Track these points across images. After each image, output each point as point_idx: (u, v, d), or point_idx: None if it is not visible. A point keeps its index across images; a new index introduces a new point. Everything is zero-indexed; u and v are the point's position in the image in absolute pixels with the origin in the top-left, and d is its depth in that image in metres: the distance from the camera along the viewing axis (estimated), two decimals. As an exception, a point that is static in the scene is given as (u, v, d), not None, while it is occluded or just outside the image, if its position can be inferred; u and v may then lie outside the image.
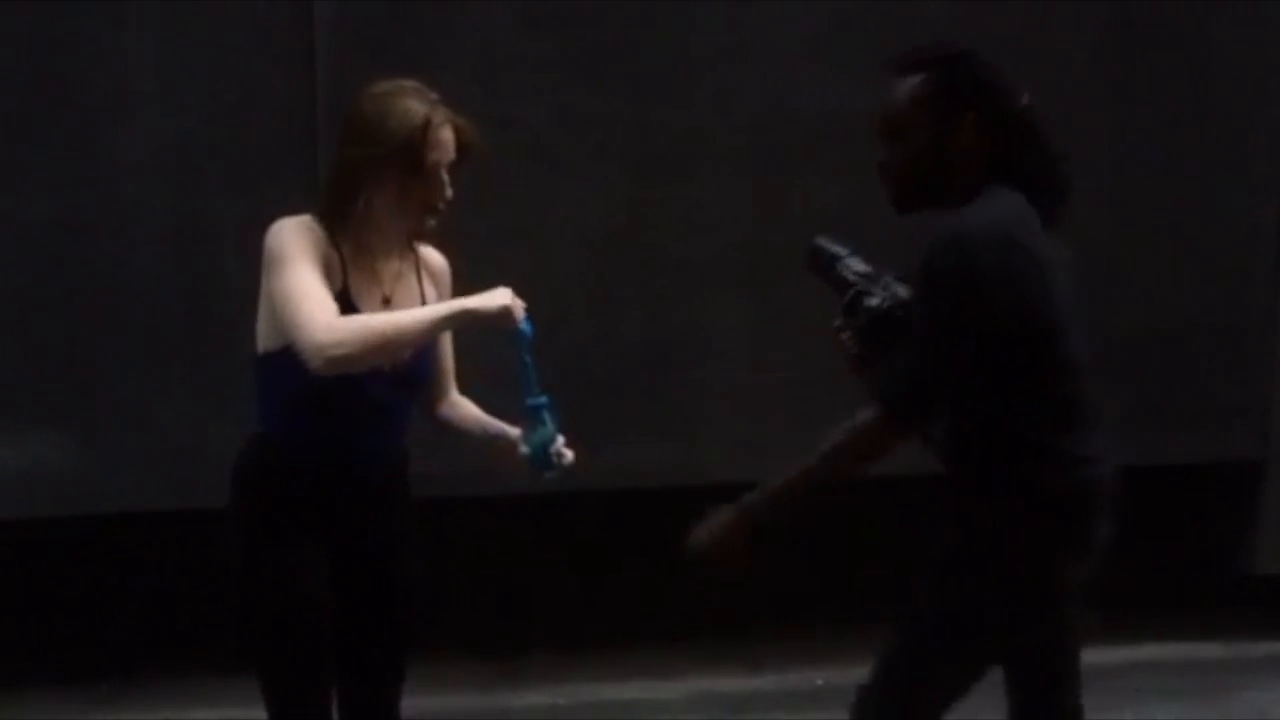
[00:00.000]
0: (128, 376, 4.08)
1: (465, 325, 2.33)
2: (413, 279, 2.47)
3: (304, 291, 2.26)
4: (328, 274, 2.32)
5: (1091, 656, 4.46)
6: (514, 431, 2.48)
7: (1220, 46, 4.56)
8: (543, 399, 2.38)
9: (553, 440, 2.39)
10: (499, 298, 2.32)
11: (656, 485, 4.31)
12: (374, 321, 2.28)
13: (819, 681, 4.40)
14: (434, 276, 2.52)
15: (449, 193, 2.36)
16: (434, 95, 2.36)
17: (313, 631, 2.39)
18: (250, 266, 2.39)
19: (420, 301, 2.45)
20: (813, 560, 4.61)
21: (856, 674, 4.60)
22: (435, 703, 2.66)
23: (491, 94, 4.05)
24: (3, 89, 3.99)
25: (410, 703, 2.61)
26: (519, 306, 2.34)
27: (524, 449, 2.41)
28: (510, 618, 4.43)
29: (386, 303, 2.41)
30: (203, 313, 3.97)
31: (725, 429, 4.36)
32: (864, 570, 4.65)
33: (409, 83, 2.37)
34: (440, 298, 2.48)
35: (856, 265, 2.54)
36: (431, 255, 2.53)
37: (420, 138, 2.29)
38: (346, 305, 2.33)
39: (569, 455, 2.43)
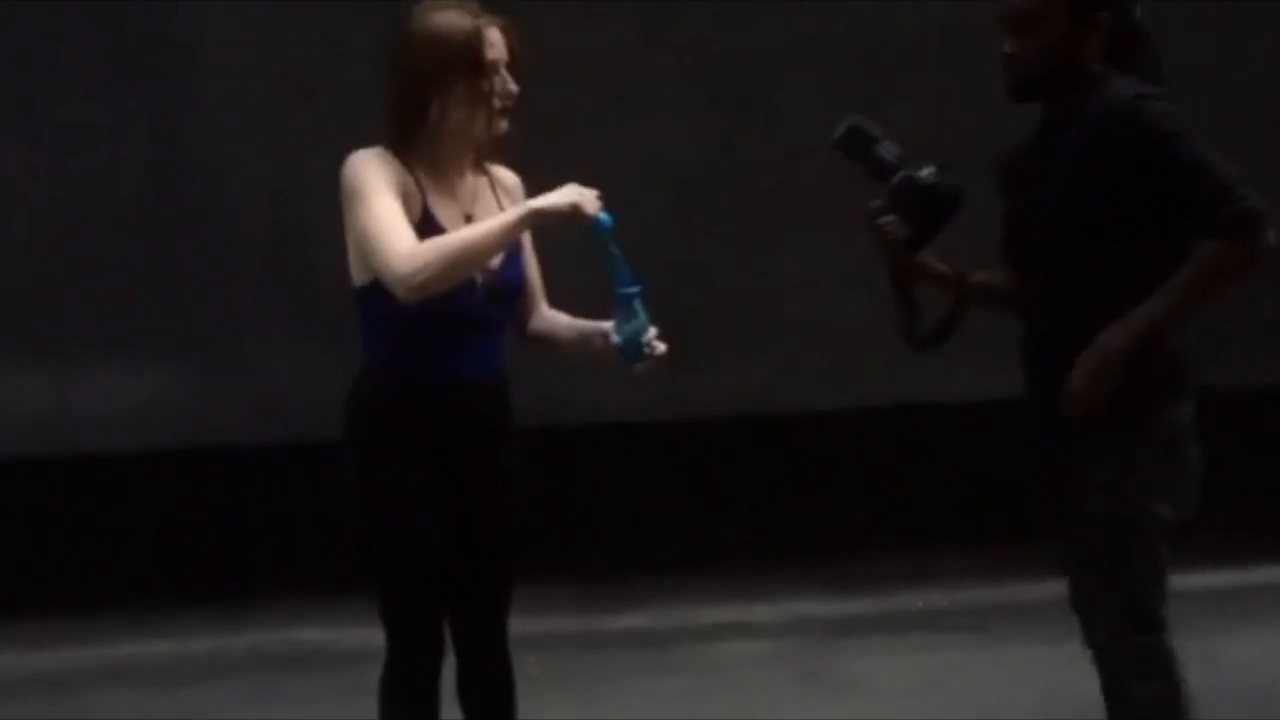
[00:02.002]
0: (231, 315, 4.20)
1: (537, 225, 2.36)
2: (489, 195, 2.50)
3: (380, 224, 2.32)
4: (405, 200, 2.37)
5: (1196, 579, 4.44)
6: (607, 324, 2.47)
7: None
8: (634, 288, 2.37)
9: (645, 330, 2.38)
10: (567, 194, 2.34)
11: (747, 413, 4.33)
12: (448, 242, 2.32)
13: (918, 605, 4.39)
14: (509, 193, 2.55)
15: (514, 88, 2.41)
16: (475, 5, 2.43)
17: (431, 555, 2.44)
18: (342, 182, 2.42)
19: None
20: (908, 484, 4.60)
21: (954, 598, 4.61)
22: (535, 625, 2.71)
23: (577, 25, 4.03)
24: (99, 39, 4.08)
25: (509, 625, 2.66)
26: (591, 197, 2.34)
27: (616, 338, 2.41)
28: (608, 542, 4.49)
29: (469, 219, 2.44)
30: (299, 251, 4.05)
31: (814, 358, 4.35)
32: (958, 496, 4.62)
33: (444, 1, 2.43)
34: None
35: (894, 148, 2.52)
36: (504, 173, 2.57)
37: (476, 36, 2.38)
38: (430, 226, 2.37)
39: (661, 347, 2.41)
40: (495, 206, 2.51)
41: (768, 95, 4.23)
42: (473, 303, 2.42)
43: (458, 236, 2.33)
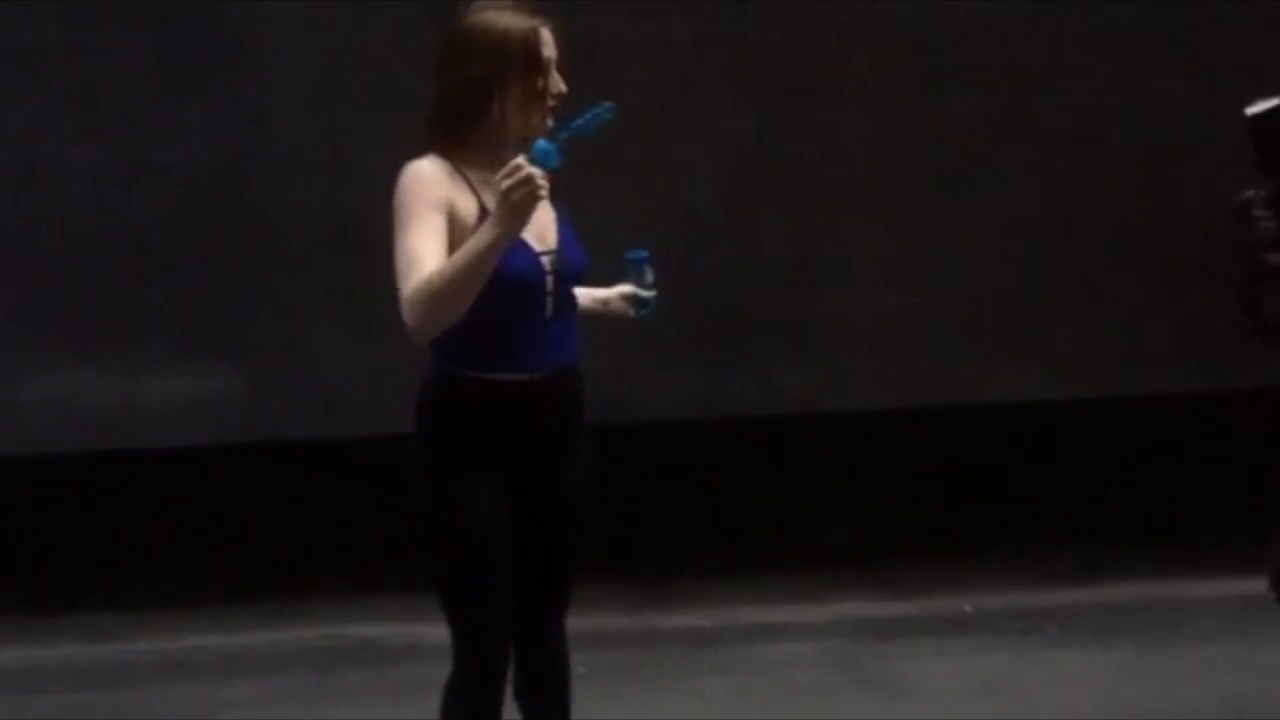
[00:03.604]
0: (285, 310, 4.23)
1: (514, 232, 2.28)
2: None
3: (401, 260, 2.33)
4: (458, 208, 2.37)
5: (1246, 585, 4.37)
6: (622, 288, 2.71)
7: None
8: (645, 252, 2.68)
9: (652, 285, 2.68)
10: (518, 199, 2.22)
11: (797, 411, 4.30)
12: (430, 281, 2.29)
13: (967, 608, 4.37)
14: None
15: (562, 86, 2.43)
16: (525, 4, 2.46)
17: (498, 568, 2.44)
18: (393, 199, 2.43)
19: (552, 209, 2.48)
20: (956, 485, 4.56)
21: (1003, 600, 4.58)
22: (585, 623, 2.71)
23: (630, 16, 4.03)
24: (157, 35, 4.12)
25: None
26: (522, 179, 2.22)
27: (645, 294, 2.68)
28: (658, 541, 4.49)
29: None
30: (354, 248, 4.07)
31: (864, 355, 4.33)
32: (1007, 498, 4.58)
33: (495, 1, 2.46)
34: (560, 208, 2.51)
35: None
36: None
37: (534, 36, 2.41)
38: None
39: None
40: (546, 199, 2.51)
41: (819, 90, 4.22)
42: (540, 292, 2.42)
43: (437, 273, 2.29)
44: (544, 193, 2.25)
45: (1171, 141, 4.39)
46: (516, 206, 2.23)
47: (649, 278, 2.69)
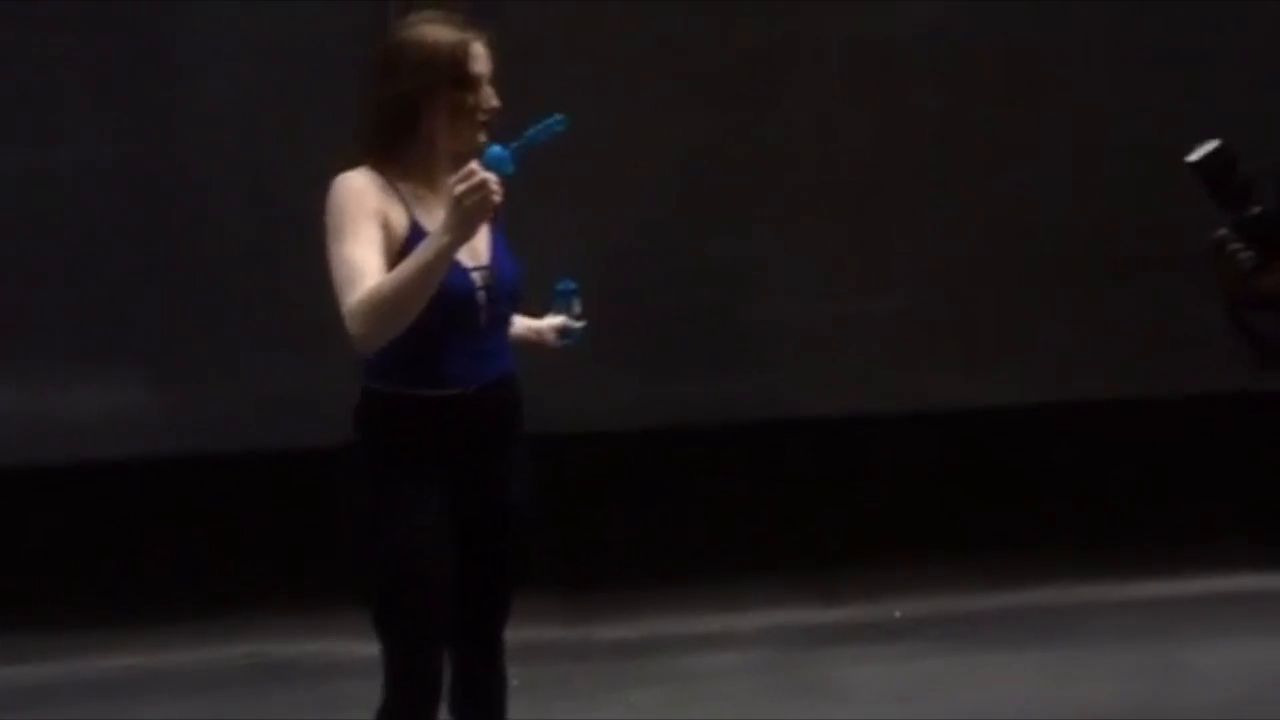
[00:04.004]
0: (207, 320, 4.16)
1: (466, 237, 2.27)
2: None
3: (340, 272, 2.31)
4: (391, 220, 2.35)
5: (1167, 587, 4.50)
6: (553, 320, 2.69)
7: None
8: (574, 284, 2.68)
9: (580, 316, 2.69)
10: (468, 207, 2.21)
11: (736, 418, 4.32)
12: (377, 291, 2.27)
13: (896, 614, 4.42)
14: None
15: (495, 102, 2.41)
16: (460, 17, 2.43)
17: (434, 580, 2.41)
18: (324, 211, 2.41)
19: (491, 224, 2.46)
20: (890, 492, 4.61)
21: (933, 606, 4.64)
22: (518, 635, 2.69)
23: (570, 23, 4.04)
24: (83, 40, 4.05)
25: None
26: (474, 185, 2.20)
27: (576, 325, 2.67)
28: (588, 551, 4.48)
29: None
30: (279, 257, 4.03)
31: (805, 363, 4.35)
32: (940, 502, 4.65)
33: (431, 12, 2.44)
34: (498, 221, 2.50)
35: (1248, 173, 2.49)
36: None
37: (463, 51, 2.38)
38: (420, 239, 2.35)
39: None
40: None
41: (768, 96, 4.23)
42: (472, 307, 2.40)
43: (383, 283, 2.27)
44: (498, 198, 2.24)
45: (1135, 145, 4.47)
46: (470, 211, 2.22)
47: (577, 309, 2.70)
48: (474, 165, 2.24)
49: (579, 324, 2.70)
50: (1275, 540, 4.73)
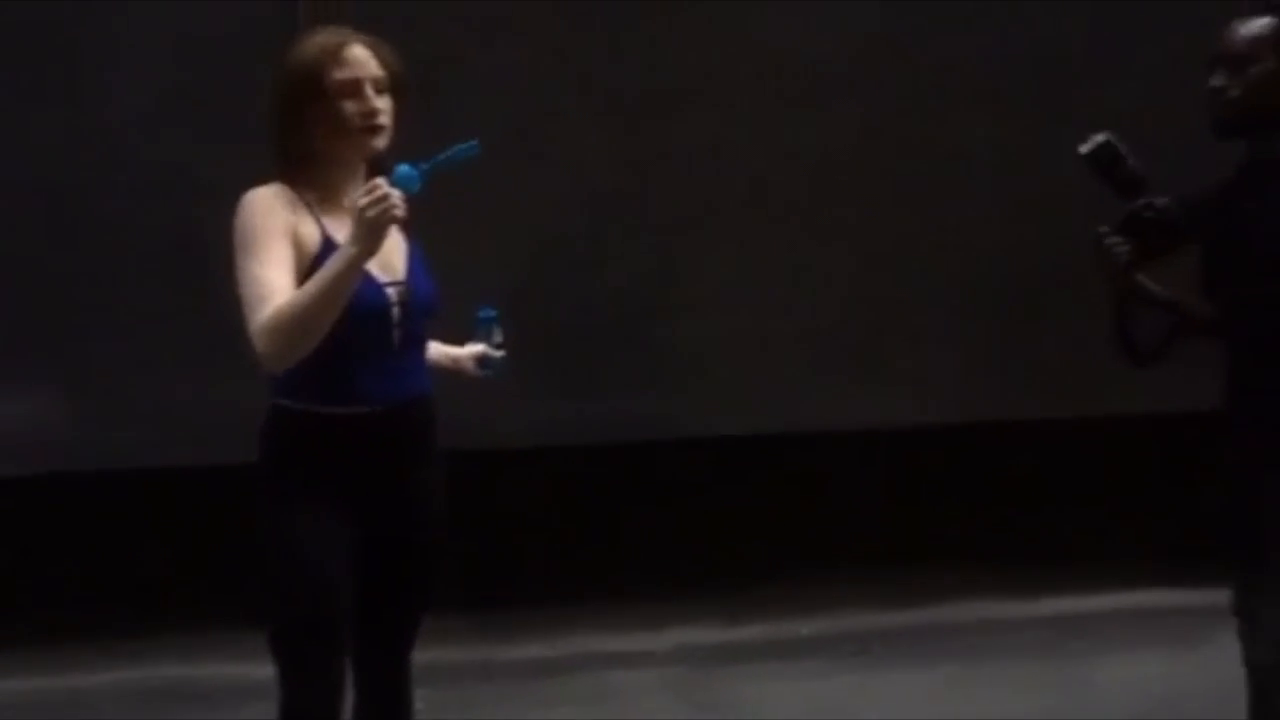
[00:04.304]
0: (119, 333, 4.06)
1: (370, 251, 2.25)
2: None
3: (248, 291, 2.28)
4: (301, 234, 2.33)
5: (1066, 604, 4.60)
6: (474, 348, 2.66)
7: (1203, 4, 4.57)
8: (495, 311, 2.65)
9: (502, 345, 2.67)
10: (372, 219, 2.20)
11: (647, 438, 4.33)
12: (285, 309, 2.26)
13: (803, 632, 4.46)
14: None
15: (375, 104, 2.36)
16: (349, 29, 2.41)
17: (332, 604, 2.38)
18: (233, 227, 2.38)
19: (403, 240, 2.46)
20: (796, 511, 4.66)
21: (841, 624, 4.70)
22: (427, 655, 2.66)
23: (481, 42, 4.03)
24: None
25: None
26: (379, 197, 2.20)
27: (496, 354, 2.65)
28: (498, 571, 4.46)
29: None
30: (193, 268, 3.95)
31: (713, 382, 4.37)
32: (846, 522, 4.70)
33: (326, 27, 2.43)
34: (414, 239, 2.49)
35: (1139, 168, 2.60)
36: None
37: (332, 57, 2.35)
38: (333, 252, 2.32)
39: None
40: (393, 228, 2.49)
41: (676, 117, 4.26)
42: (385, 322, 2.38)
43: (293, 305, 2.25)
44: (400, 212, 2.22)
45: (1045, 171, 4.56)
46: (372, 223, 2.20)
47: (498, 337, 2.67)
48: (379, 180, 2.24)
49: (499, 354, 2.67)
50: (1172, 557, 4.86)
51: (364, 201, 2.20)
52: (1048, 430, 4.70)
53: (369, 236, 2.21)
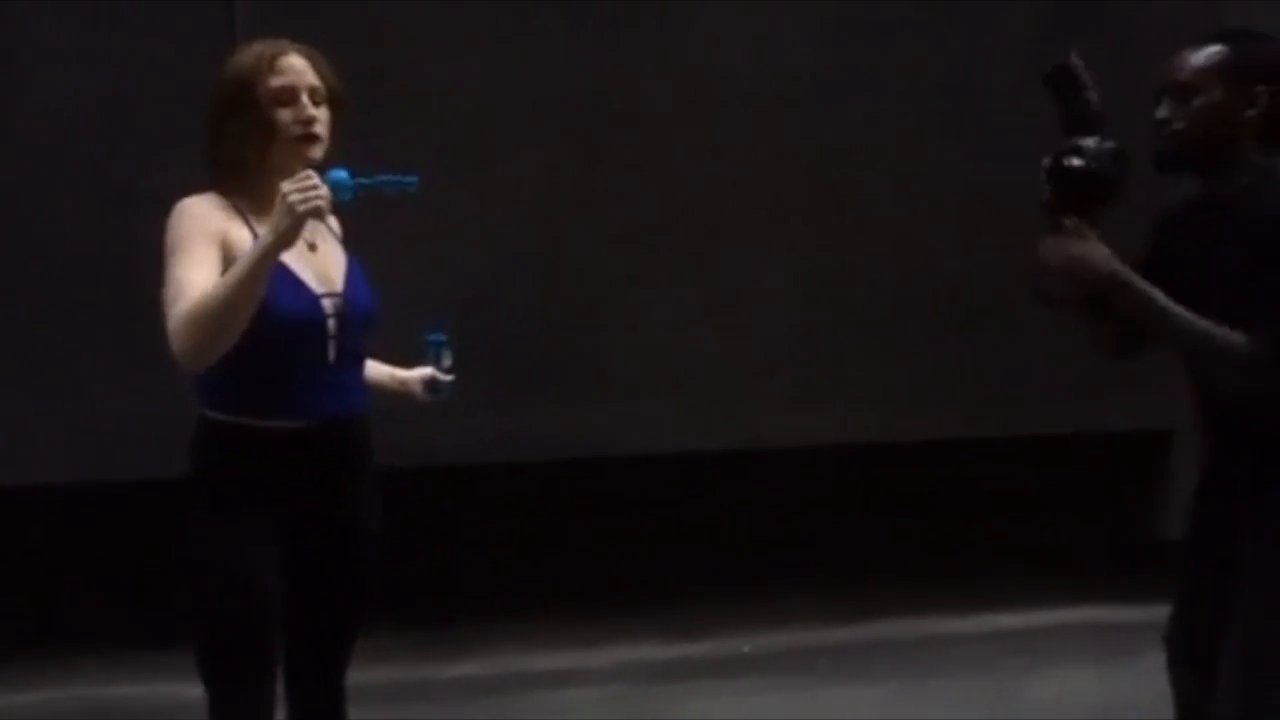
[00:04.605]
0: (48, 344, 3.97)
1: (287, 239, 2.20)
2: (324, 228, 2.45)
3: (170, 291, 2.24)
4: (233, 241, 2.29)
5: (1005, 620, 4.66)
6: (423, 371, 2.63)
7: (1143, 36, 4.64)
8: (444, 336, 2.62)
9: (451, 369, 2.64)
10: (293, 206, 2.16)
11: (582, 454, 4.31)
12: (199, 301, 2.20)
13: (745, 649, 4.45)
14: (331, 227, 2.49)
15: (311, 113, 2.33)
16: (288, 40, 2.39)
17: (262, 623, 2.33)
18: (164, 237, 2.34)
19: (342, 252, 2.43)
20: (739, 527, 4.66)
21: (781, 640, 4.70)
22: (362, 675, 2.62)
23: (423, 59, 4.00)
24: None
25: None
26: (302, 186, 2.18)
27: (445, 378, 2.62)
28: (437, 588, 4.41)
29: (314, 249, 2.39)
30: (120, 280, 3.87)
31: (652, 398, 4.37)
32: (789, 538, 4.71)
33: (265, 39, 2.39)
34: (352, 253, 2.46)
35: (1096, 104, 2.39)
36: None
37: (268, 64, 2.33)
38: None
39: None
40: (331, 237, 2.45)
41: (618, 134, 4.25)
42: (320, 335, 2.33)
43: (208, 296, 2.20)
44: (323, 202, 2.18)
45: (976, 195, 4.61)
46: (292, 210, 2.15)
47: (447, 361, 2.64)
48: (310, 172, 2.21)
49: (448, 378, 2.64)
50: (1104, 574, 4.93)
51: (289, 187, 2.16)
52: (990, 448, 4.74)
53: (288, 224, 2.16)
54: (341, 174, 2.26)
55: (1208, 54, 2.40)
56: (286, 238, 2.18)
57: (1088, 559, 4.94)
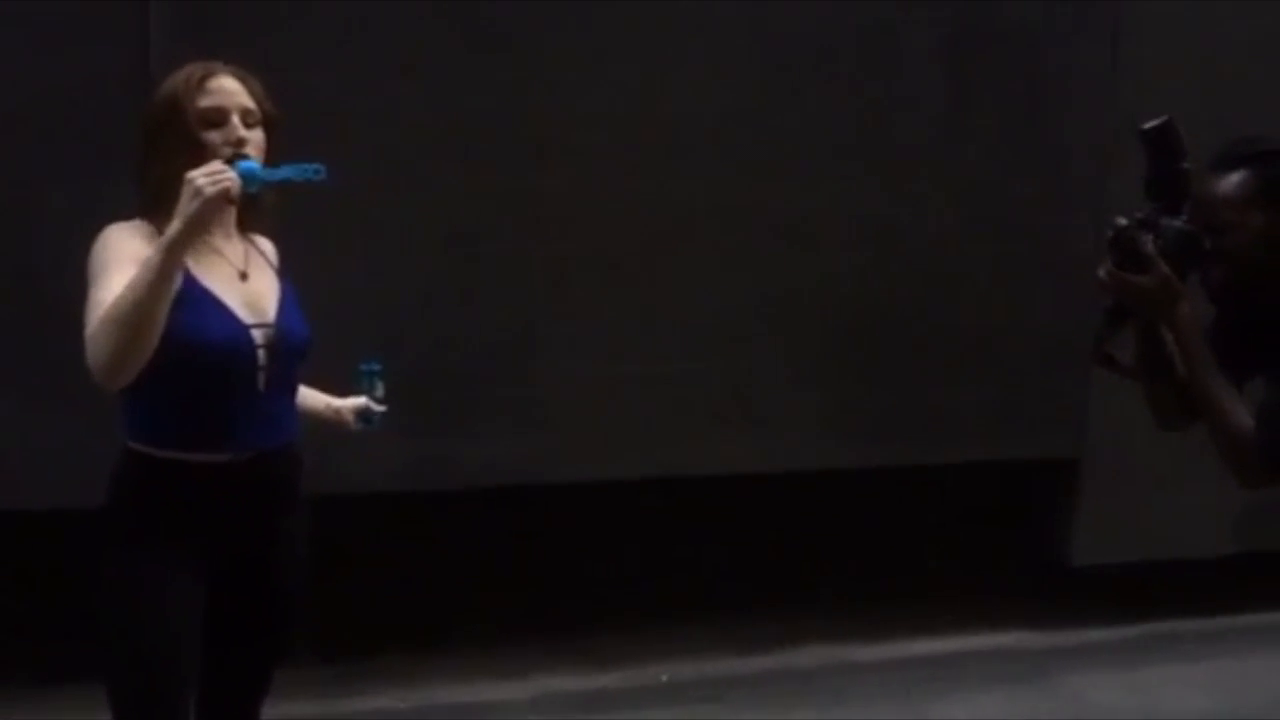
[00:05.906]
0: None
1: (193, 239, 2.16)
2: (259, 257, 2.43)
3: (90, 313, 2.18)
4: None
5: (917, 647, 4.72)
6: (357, 400, 2.66)
7: (1048, 58, 4.78)
8: (378, 365, 2.66)
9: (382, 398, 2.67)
10: (196, 193, 2.12)
11: (512, 482, 4.29)
12: (107, 310, 2.14)
13: (663, 678, 4.45)
14: (266, 255, 2.48)
15: (241, 134, 2.29)
16: (220, 62, 2.36)
17: (177, 659, 2.28)
18: (83, 257, 2.30)
19: (276, 280, 2.41)
20: (657, 556, 4.66)
21: (700, 669, 4.71)
22: (278, 710, 2.58)
23: (339, 86, 3.98)
24: None
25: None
26: (207, 172, 2.14)
27: (377, 408, 2.65)
28: (352, 620, 4.35)
29: (245, 278, 2.36)
30: (27, 305, 3.78)
31: (569, 427, 4.37)
32: (706, 567, 4.73)
33: (198, 61, 2.37)
34: (277, 279, 2.43)
35: (1187, 171, 2.29)
36: (262, 241, 2.50)
37: (198, 85, 2.29)
38: (198, 291, 2.26)
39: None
40: (266, 265, 2.43)
41: (540, 161, 4.25)
42: (249, 365, 2.30)
43: (119, 298, 2.13)
44: (231, 184, 2.14)
45: (907, 225, 4.69)
46: (200, 192, 2.11)
47: (380, 391, 2.65)
48: (219, 161, 2.18)
49: (380, 408, 2.64)
50: (1013, 600, 5.02)
51: (196, 174, 2.13)
52: (899, 476, 4.81)
53: (194, 208, 2.10)
54: (251, 164, 2.24)
55: (1236, 183, 2.30)
56: (194, 224, 2.11)
57: (997, 586, 5.03)
